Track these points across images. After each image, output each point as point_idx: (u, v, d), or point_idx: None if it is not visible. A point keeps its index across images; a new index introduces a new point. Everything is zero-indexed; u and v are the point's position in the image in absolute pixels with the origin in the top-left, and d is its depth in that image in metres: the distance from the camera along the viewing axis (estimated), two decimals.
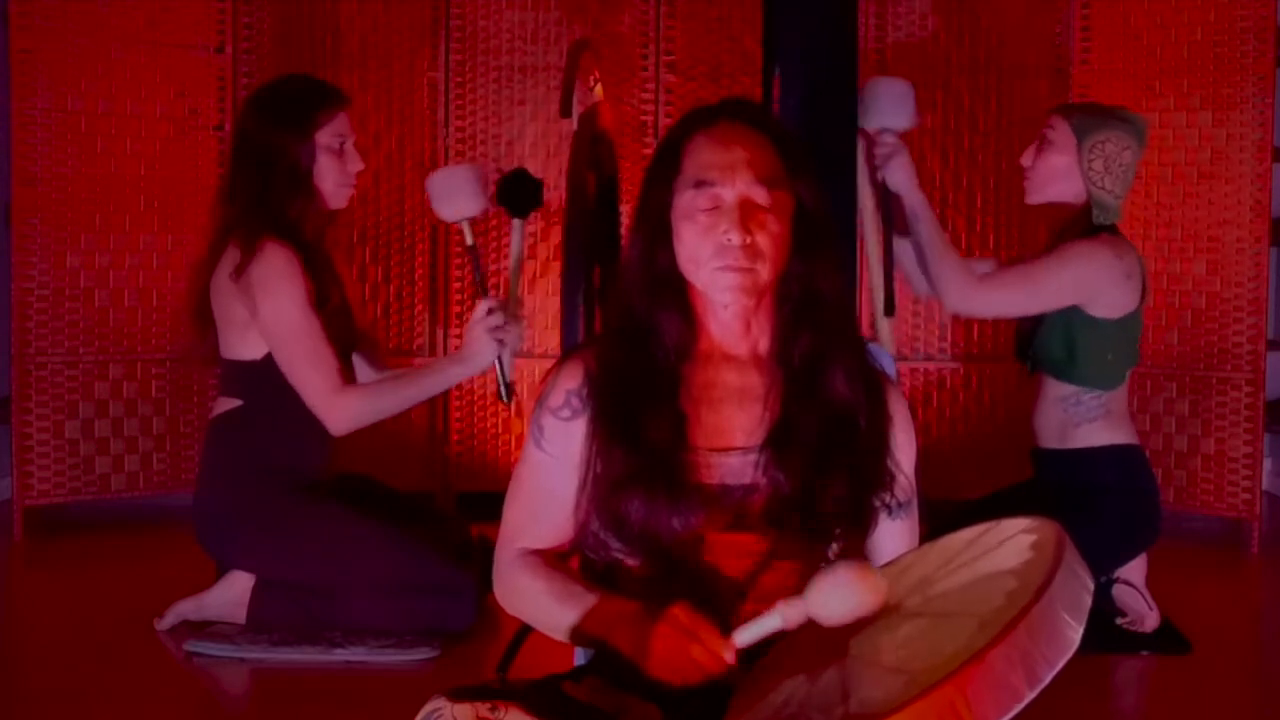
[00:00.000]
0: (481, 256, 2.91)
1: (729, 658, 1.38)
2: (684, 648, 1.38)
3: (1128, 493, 3.03)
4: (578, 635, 1.55)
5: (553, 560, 1.63)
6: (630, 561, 1.56)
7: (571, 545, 1.64)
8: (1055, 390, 3.05)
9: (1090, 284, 2.95)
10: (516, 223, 3.06)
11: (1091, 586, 1.23)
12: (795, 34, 2.57)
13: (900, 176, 2.91)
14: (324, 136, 2.97)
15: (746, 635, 1.40)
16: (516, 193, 3.03)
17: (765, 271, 1.56)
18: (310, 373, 2.90)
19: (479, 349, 2.89)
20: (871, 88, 2.93)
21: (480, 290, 2.96)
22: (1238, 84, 3.89)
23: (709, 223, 1.55)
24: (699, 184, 1.56)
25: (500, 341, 2.88)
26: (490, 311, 2.88)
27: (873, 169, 2.94)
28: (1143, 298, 3.03)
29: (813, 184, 1.60)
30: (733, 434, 1.57)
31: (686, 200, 1.57)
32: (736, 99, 1.66)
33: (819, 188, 1.60)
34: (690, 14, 4.29)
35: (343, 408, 2.91)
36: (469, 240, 2.97)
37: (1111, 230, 3.02)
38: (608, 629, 1.50)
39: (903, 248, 3.01)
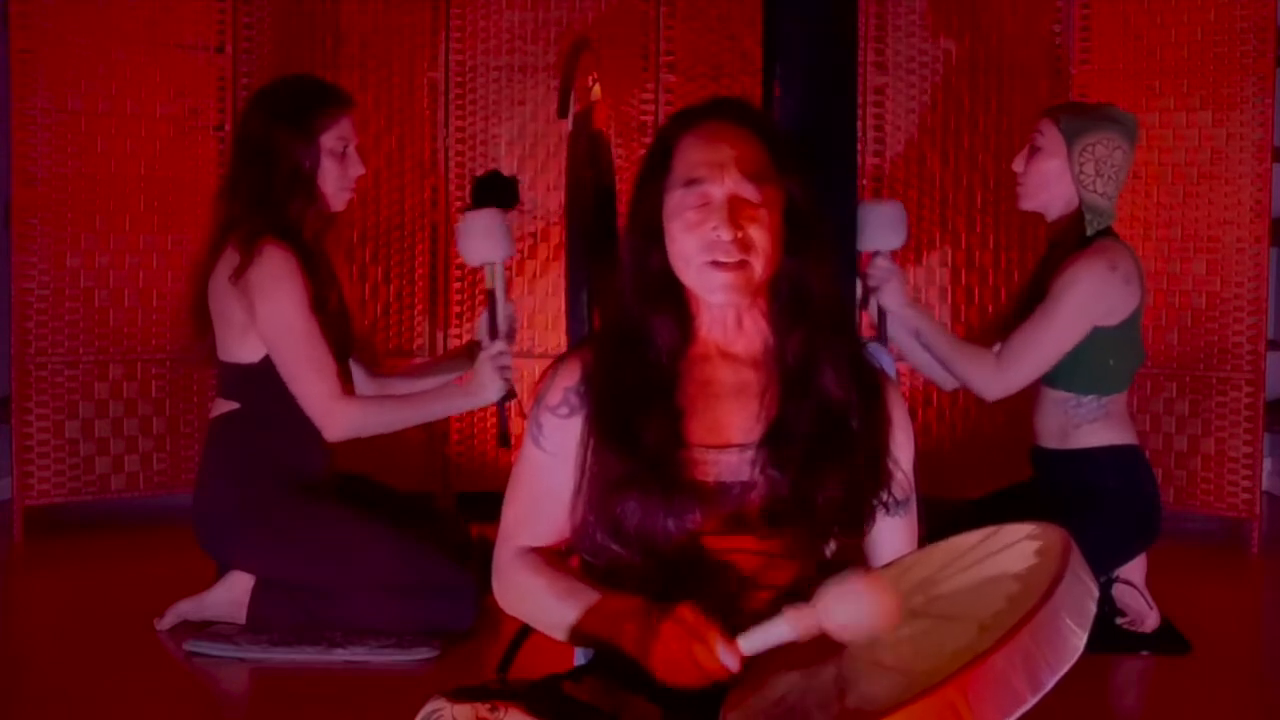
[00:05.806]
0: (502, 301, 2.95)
1: (734, 665, 1.36)
2: (689, 650, 1.36)
3: (1128, 493, 3.03)
4: (578, 634, 1.54)
5: (552, 558, 1.62)
6: (629, 562, 1.55)
7: (568, 546, 1.63)
8: (1055, 394, 3.04)
9: (1097, 306, 2.93)
10: None
11: (1097, 594, 1.23)
12: (795, 34, 2.57)
13: (894, 301, 2.92)
14: (328, 140, 2.96)
15: (754, 642, 1.36)
16: (490, 195, 2.98)
17: (758, 265, 1.55)
18: (309, 377, 2.89)
19: (486, 385, 2.91)
20: (863, 212, 2.92)
21: (493, 332, 2.93)
22: (1238, 84, 3.89)
23: (698, 220, 1.55)
24: (688, 183, 1.56)
25: (506, 380, 2.90)
26: (501, 351, 2.90)
27: (866, 287, 2.94)
28: (1142, 296, 3.03)
29: (803, 180, 1.59)
30: (729, 431, 1.57)
31: (676, 200, 1.57)
32: (724, 98, 1.66)
33: (809, 184, 1.60)
34: (690, 14, 4.28)
35: (340, 415, 2.90)
36: (490, 284, 2.93)
37: (1105, 234, 3.00)
38: (610, 626, 1.49)
39: (923, 355, 3.03)
